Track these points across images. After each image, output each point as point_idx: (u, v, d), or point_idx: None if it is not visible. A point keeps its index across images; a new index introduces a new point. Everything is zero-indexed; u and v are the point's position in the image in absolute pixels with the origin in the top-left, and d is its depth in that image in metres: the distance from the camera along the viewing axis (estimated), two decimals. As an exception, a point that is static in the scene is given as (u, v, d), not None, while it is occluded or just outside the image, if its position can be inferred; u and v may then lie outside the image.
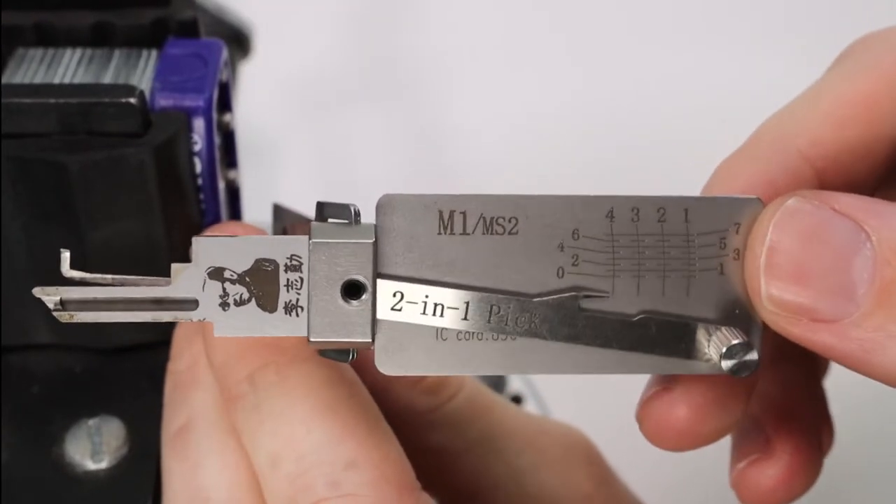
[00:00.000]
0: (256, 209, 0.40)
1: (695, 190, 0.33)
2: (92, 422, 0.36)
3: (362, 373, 0.34)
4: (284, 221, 0.38)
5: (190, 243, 0.36)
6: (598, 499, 0.38)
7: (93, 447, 0.35)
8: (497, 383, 0.51)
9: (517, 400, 0.51)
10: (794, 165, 0.32)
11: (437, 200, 0.30)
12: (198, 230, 0.37)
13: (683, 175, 0.34)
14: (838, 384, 0.38)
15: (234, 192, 0.39)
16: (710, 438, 0.33)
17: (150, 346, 0.37)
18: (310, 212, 0.36)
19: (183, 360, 0.36)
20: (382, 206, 0.30)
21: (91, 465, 0.35)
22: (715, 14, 0.79)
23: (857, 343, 0.28)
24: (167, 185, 0.35)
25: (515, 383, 0.53)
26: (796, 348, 0.31)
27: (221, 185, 0.37)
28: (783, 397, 0.36)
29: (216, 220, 0.37)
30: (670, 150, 0.71)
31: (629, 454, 0.41)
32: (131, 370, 0.38)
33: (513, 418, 0.39)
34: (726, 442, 0.37)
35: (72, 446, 0.36)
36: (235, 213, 0.40)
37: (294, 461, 0.32)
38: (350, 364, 0.34)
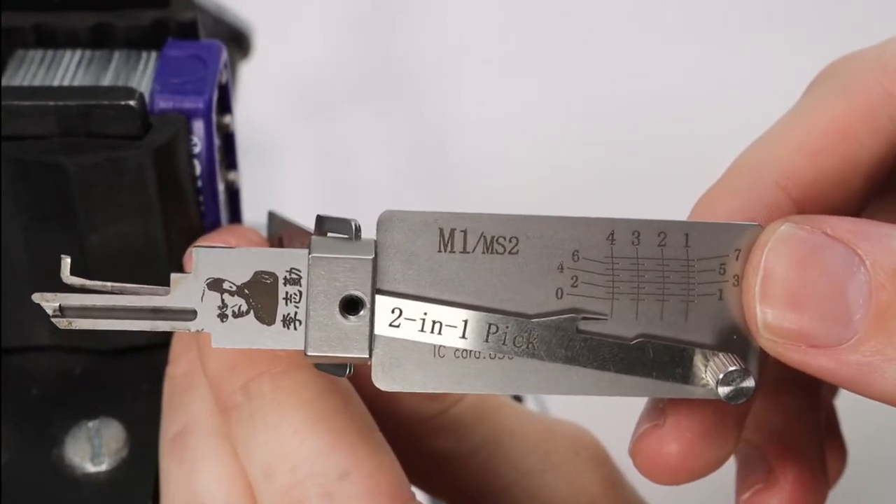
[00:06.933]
0: (256, 210, 0.40)
1: (695, 192, 0.33)
2: (91, 424, 0.36)
3: (363, 379, 0.34)
4: (277, 229, 0.37)
5: (189, 246, 0.36)
6: (606, 502, 0.37)
7: (92, 449, 0.35)
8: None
9: (517, 400, 0.51)
10: (772, 198, 0.32)
11: (437, 218, 0.30)
12: (197, 232, 0.37)
13: (683, 175, 0.34)
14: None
15: (233, 194, 0.39)
16: (704, 471, 0.33)
17: (151, 349, 0.37)
18: (306, 221, 0.36)
19: (181, 365, 0.35)
20: (383, 223, 0.30)
21: (90, 468, 0.35)
22: (716, 14, 0.79)
23: (855, 367, 0.28)
24: (166, 187, 0.35)
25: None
26: (796, 377, 0.31)
27: (221, 187, 0.37)
28: (784, 426, 0.36)
29: (216, 221, 0.37)
30: (672, 152, 0.71)
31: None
32: (131, 372, 0.37)
33: (520, 420, 0.39)
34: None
35: (71, 448, 0.36)
36: (235, 215, 0.40)
37: (287, 472, 0.32)
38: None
